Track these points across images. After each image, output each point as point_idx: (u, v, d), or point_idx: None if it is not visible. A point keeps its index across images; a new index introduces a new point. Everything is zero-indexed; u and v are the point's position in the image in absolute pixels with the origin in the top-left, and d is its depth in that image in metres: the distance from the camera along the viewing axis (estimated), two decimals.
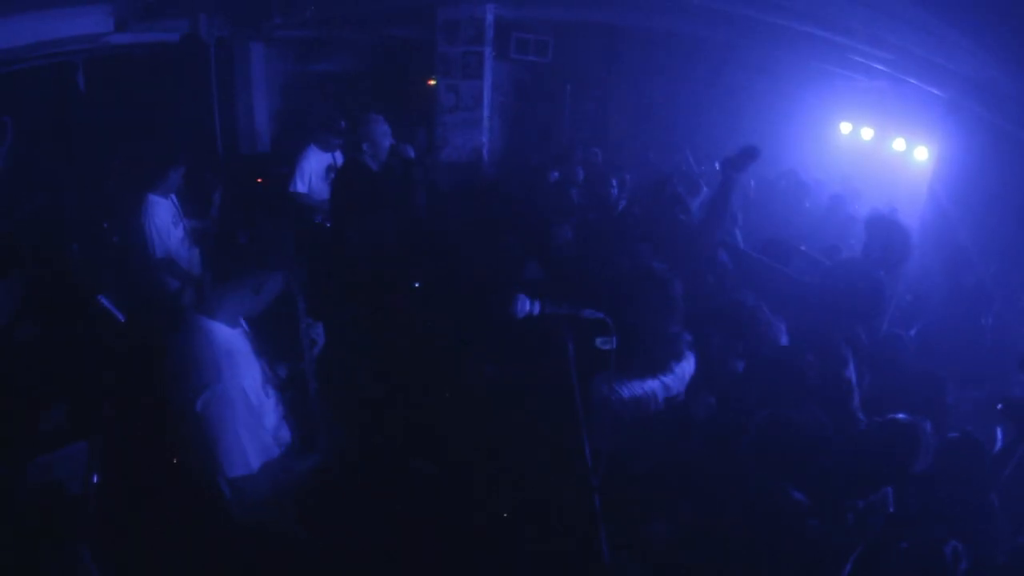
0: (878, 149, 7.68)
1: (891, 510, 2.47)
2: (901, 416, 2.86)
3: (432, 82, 7.48)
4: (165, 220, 4.92)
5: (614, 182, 6.15)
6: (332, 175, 5.94)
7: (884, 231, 4.18)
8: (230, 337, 2.38)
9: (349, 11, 7.50)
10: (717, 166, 7.71)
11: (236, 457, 2.31)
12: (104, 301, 4.48)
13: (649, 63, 8.42)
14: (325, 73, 9.31)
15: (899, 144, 7.26)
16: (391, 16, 7.79)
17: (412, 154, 5.05)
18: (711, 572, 2.53)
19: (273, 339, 2.64)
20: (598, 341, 2.38)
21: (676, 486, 2.78)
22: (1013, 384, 3.82)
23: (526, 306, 2.33)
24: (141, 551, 3.08)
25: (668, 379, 3.05)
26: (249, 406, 2.35)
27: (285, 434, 2.63)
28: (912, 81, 5.45)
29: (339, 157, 6.23)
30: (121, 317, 4.47)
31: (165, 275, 4.99)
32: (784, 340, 3.55)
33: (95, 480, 3.21)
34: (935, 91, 5.34)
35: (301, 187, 6.14)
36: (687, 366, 3.15)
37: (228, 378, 2.27)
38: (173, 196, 5.06)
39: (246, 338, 2.50)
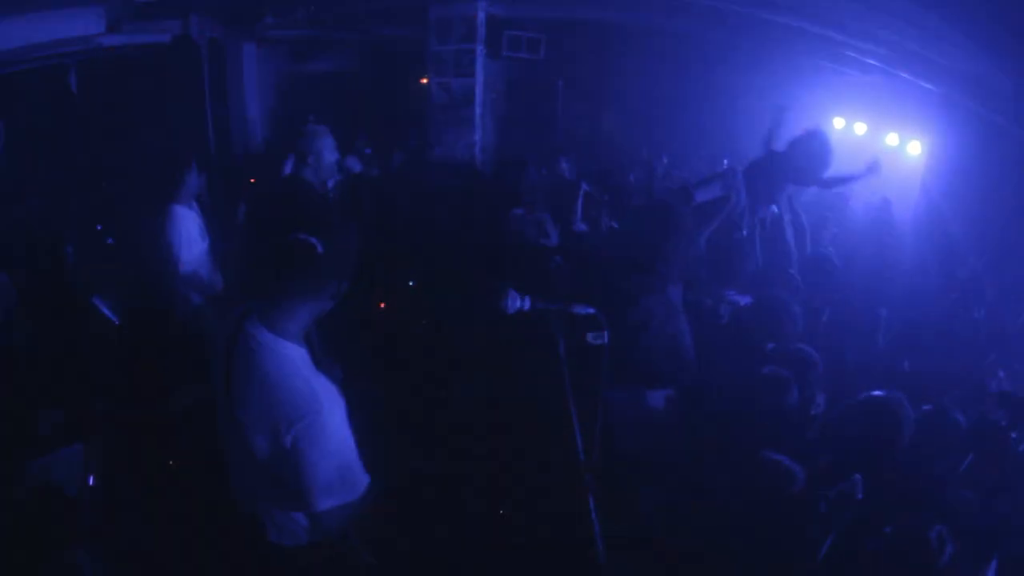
0: (871, 144, 7.67)
1: (859, 497, 2.48)
2: (878, 393, 2.87)
3: (425, 80, 7.48)
4: (191, 232, 4.60)
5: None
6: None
7: None
8: (307, 358, 2.15)
9: (341, 11, 7.50)
10: (725, 163, 7.78)
11: (325, 490, 2.08)
12: (99, 303, 4.47)
13: (642, 60, 8.41)
14: (318, 73, 9.30)
15: (892, 139, 7.24)
16: (383, 15, 7.79)
17: (359, 168, 4.86)
18: (699, 542, 2.54)
19: None
20: (589, 336, 2.38)
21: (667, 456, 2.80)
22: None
23: (516, 301, 2.34)
24: (138, 553, 3.09)
25: None
26: (346, 435, 2.13)
27: None
28: (905, 76, 5.46)
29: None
30: (115, 320, 4.46)
31: (189, 291, 4.65)
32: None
33: (91, 483, 3.21)
34: (928, 86, 5.35)
35: None
36: None
37: (327, 407, 2.05)
38: (195, 205, 4.75)
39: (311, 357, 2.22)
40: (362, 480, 2.18)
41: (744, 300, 4.15)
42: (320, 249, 2.06)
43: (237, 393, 2.09)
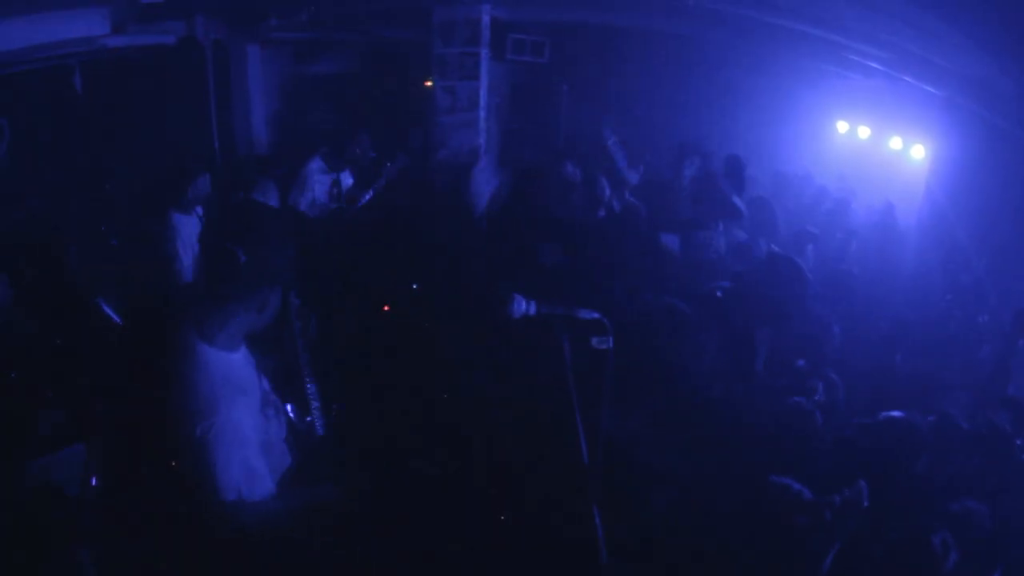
0: (875, 148, 7.68)
1: (866, 505, 2.45)
2: (896, 414, 2.84)
3: (429, 83, 7.48)
4: (190, 240, 4.62)
5: None
6: (336, 191, 5.91)
7: None
8: (229, 364, 2.27)
9: (345, 12, 7.50)
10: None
11: (230, 487, 2.21)
12: (102, 304, 4.47)
13: (646, 64, 8.41)
14: (322, 74, 9.29)
15: (896, 142, 7.25)
16: (387, 17, 7.79)
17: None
18: (701, 545, 2.53)
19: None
20: (594, 341, 2.37)
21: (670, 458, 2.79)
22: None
23: (522, 306, 2.33)
24: (139, 554, 3.08)
25: None
26: (245, 439, 2.24)
27: (286, 459, 2.54)
28: (908, 79, 5.46)
29: (346, 176, 6.21)
30: (119, 320, 4.45)
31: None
32: None
33: (93, 483, 3.21)
34: (931, 89, 5.36)
35: (302, 203, 5.95)
36: None
37: (224, 411, 2.17)
38: (199, 209, 4.80)
39: (247, 361, 2.36)
40: (268, 487, 2.30)
41: None
42: (243, 258, 2.12)
43: (170, 395, 2.23)
